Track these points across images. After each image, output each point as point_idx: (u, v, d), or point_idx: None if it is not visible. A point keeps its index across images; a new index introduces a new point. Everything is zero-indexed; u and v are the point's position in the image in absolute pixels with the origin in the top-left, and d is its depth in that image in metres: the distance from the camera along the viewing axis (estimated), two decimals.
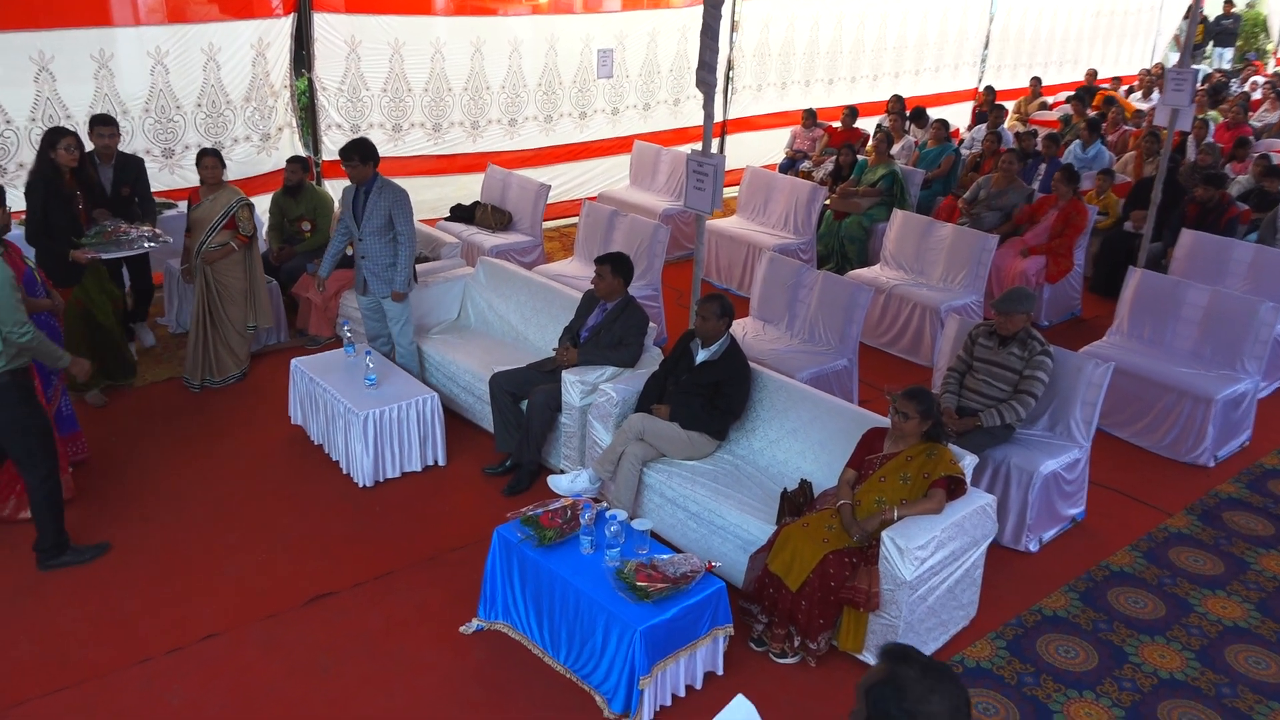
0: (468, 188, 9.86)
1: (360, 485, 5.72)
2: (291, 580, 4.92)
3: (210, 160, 6.67)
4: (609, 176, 11.17)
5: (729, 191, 11.63)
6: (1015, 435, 5.48)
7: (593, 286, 5.95)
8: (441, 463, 5.98)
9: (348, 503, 5.61)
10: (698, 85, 5.32)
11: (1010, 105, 14.63)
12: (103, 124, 6.59)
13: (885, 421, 4.79)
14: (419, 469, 5.90)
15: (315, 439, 6.14)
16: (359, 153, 6.03)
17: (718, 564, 4.36)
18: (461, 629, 4.59)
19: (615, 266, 5.85)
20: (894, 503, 4.39)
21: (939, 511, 4.35)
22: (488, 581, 4.54)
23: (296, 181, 7.73)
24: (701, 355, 5.38)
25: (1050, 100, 14.88)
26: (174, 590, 4.83)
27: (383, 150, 6.40)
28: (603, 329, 5.86)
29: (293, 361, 6.26)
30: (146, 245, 6.28)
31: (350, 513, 5.52)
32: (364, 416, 5.60)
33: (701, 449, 5.28)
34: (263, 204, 8.30)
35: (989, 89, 13.77)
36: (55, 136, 5.98)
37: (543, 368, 5.96)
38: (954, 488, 4.44)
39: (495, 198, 9.18)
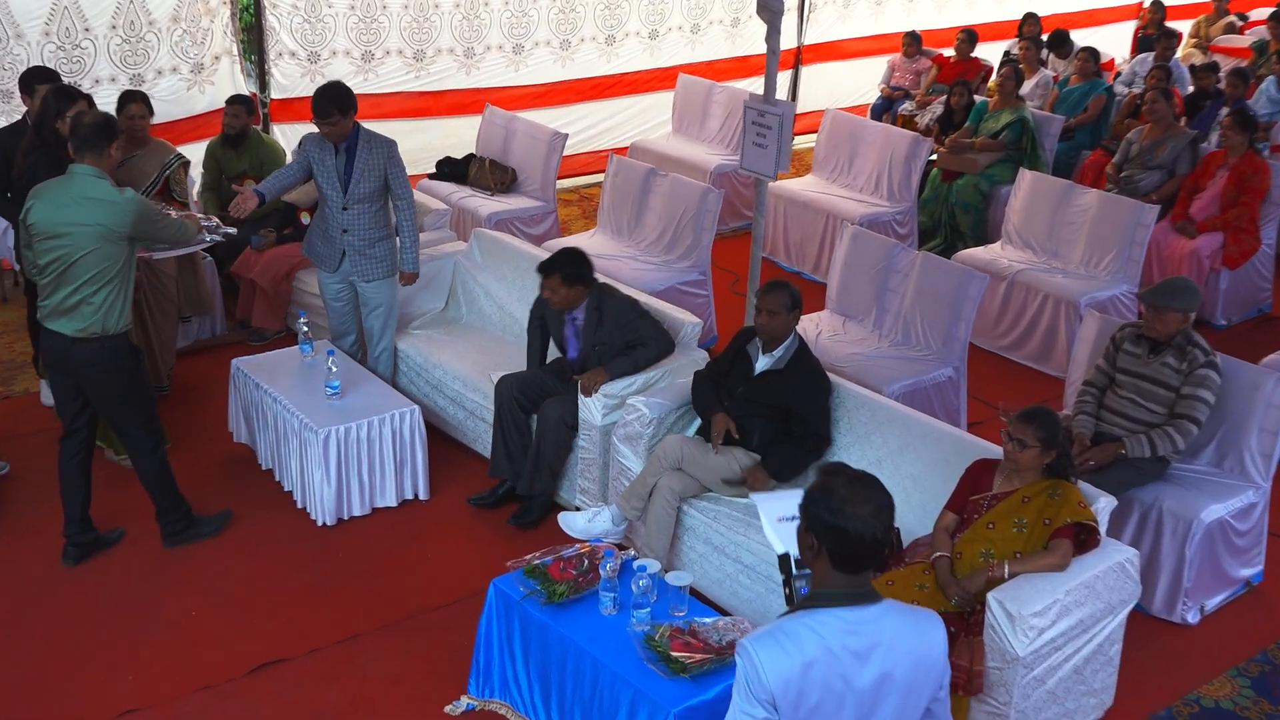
0: (459, 135, 10.11)
1: (319, 523, 5.98)
2: (232, 643, 5.17)
3: (137, 108, 6.93)
4: (644, 121, 11.39)
5: (803, 141, 11.79)
6: (1170, 471, 5.63)
7: (545, 297, 6.03)
8: (423, 496, 6.24)
9: (303, 545, 5.87)
10: (759, 12, 5.53)
11: (1186, 27, 14.64)
12: (45, 81, 6.49)
13: (998, 451, 4.94)
14: (394, 504, 6.16)
15: (263, 462, 6.42)
16: (337, 104, 6.17)
17: None
18: (447, 709, 4.82)
19: (566, 275, 5.88)
20: (1005, 556, 4.56)
21: (1063, 568, 4.51)
22: (481, 649, 4.77)
23: (240, 129, 8.02)
24: (762, 362, 5.56)
25: (1241, 20, 14.86)
26: (84, 655, 5.09)
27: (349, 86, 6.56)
28: (596, 346, 5.98)
29: (233, 362, 6.53)
30: (209, 239, 6.31)
31: (306, 558, 5.78)
32: (324, 435, 5.85)
33: None
34: (194, 154, 8.57)
35: (1157, 4, 13.79)
36: (63, 102, 5.99)
37: (561, 374, 6.15)
38: (1084, 538, 4.59)
39: (495, 149, 9.42)
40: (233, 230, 6.53)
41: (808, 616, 2.81)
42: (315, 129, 6.31)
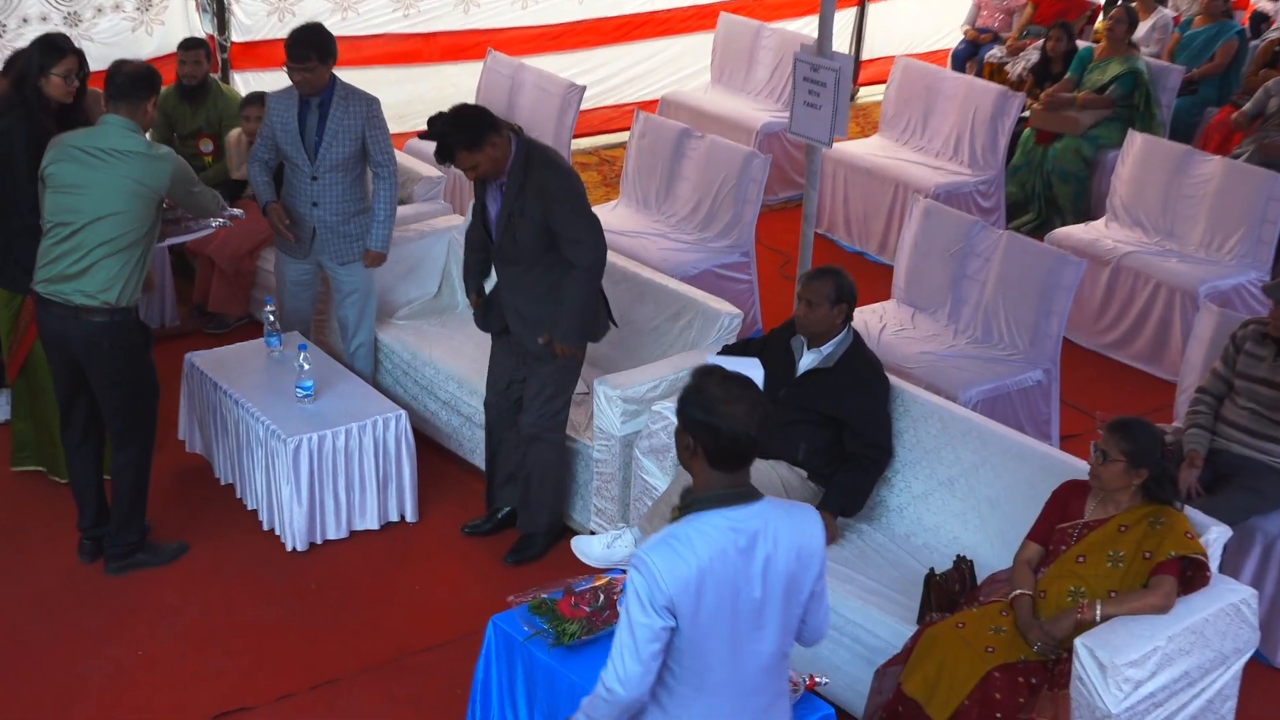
0: (455, 85, 10.19)
1: (289, 548, 6.10)
2: (187, 688, 5.30)
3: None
4: (677, 70, 11.45)
5: (869, 94, 11.85)
6: None
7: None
8: (410, 517, 6.36)
9: (270, 574, 6.00)
10: None
11: None
12: None
13: None
14: (376, 526, 6.28)
15: (222, 476, 6.56)
16: (316, 48, 6.32)
17: (824, 680, 4.60)
18: None
19: (467, 142, 5.43)
20: (1097, 595, 4.65)
21: (1166, 610, 4.57)
22: (478, 697, 4.87)
23: (199, 80, 8.17)
24: (807, 359, 5.64)
25: None
26: (14, 699, 5.23)
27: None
28: (512, 216, 5.60)
29: (186, 357, 6.66)
30: (214, 225, 6.46)
31: (274, 590, 5.91)
32: (294, 445, 5.95)
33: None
34: None
35: None
36: (48, 56, 6.02)
37: (520, 343, 5.89)
38: (1191, 575, 4.66)
39: (499, 103, 9.50)
40: (238, 212, 6.68)
41: (696, 520, 3.34)
42: (282, 81, 6.41)
